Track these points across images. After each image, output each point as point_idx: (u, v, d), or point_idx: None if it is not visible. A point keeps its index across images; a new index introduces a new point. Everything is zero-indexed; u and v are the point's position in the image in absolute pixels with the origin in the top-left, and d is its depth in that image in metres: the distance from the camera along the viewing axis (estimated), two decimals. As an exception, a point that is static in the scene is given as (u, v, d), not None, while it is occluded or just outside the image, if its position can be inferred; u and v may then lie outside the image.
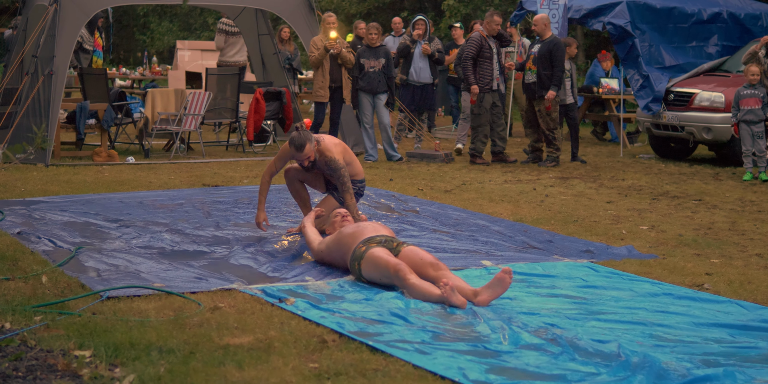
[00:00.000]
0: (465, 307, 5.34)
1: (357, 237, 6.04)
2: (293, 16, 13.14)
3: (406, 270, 5.62)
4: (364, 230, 6.09)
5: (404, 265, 5.65)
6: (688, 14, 13.84)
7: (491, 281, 5.47)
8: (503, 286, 5.44)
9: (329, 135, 7.46)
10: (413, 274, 5.61)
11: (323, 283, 5.98)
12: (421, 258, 5.77)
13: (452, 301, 5.36)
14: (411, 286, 5.55)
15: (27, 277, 5.96)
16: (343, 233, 6.18)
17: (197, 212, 8.46)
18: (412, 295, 5.54)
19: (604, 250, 7.04)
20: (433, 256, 5.85)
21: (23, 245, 6.92)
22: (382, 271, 5.75)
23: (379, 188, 9.88)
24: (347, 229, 6.20)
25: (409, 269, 5.63)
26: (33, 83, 11.58)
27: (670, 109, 12.81)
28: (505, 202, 9.19)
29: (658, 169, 12.11)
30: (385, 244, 5.91)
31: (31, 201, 8.86)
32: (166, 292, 5.63)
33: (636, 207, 9.03)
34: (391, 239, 6.00)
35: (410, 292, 5.56)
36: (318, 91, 12.16)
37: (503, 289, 5.45)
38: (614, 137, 15.66)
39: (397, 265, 5.65)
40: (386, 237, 6.01)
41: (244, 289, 5.76)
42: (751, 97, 11.10)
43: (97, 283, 5.86)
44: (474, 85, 12.07)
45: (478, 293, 5.47)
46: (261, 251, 6.89)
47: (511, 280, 5.44)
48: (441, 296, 5.41)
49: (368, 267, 5.85)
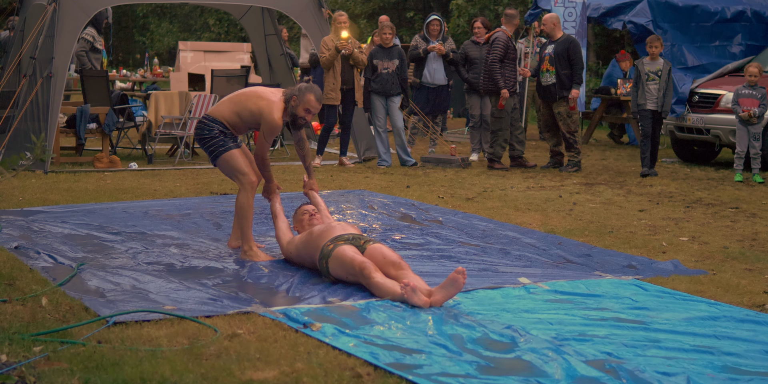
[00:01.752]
0: (427, 306, 5.31)
1: (325, 236, 5.99)
2: (302, 16, 12.62)
3: (371, 268, 5.56)
4: (333, 229, 6.02)
5: (370, 263, 5.59)
6: (711, 12, 13.35)
7: (445, 281, 5.35)
8: (456, 287, 5.32)
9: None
10: (378, 273, 5.55)
11: (349, 304, 5.46)
12: (384, 256, 5.69)
13: (413, 302, 5.31)
14: (375, 285, 5.51)
15: (25, 298, 5.45)
16: (313, 234, 6.13)
17: (206, 223, 7.95)
18: (376, 293, 5.51)
19: (648, 264, 6.53)
20: (397, 255, 5.75)
21: (21, 262, 6.41)
22: (348, 268, 5.71)
23: (396, 196, 9.37)
24: (316, 230, 6.14)
25: (374, 267, 5.57)
26: (31, 86, 11.07)
27: (694, 111, 12.31)
28: (532, 210, 8.68)
29: (684, 174, 11.60)
30: (353, 242, 5.86)
31: (29, 211, 8.35)
32: (178, 316, 5.12)
33: (671, 216, 8.52)
34: (359, 236, 5.93)
35: (374, 290, 5.52)
36: (329, 93, 11.64)
37: (456, 290, 5.34)
38: (632, 140, 15.16)
39: (363, 263, 5.59)
40: (354, 235, 5.95)
41: (264, 313, 5.24)
42: (748, 97, 10.91)
43: (102, 305, 5.35)
44: (504, 89, 11.58)
45: (432, 293, 5.38)
46: (277, 267, 6.39)
47: (465, 280, 5.30)
48: (402, 296, 5.38)
49: (335, 265, 5.81)
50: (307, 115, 6.54)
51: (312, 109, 6.51)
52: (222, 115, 6.75)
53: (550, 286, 5.88)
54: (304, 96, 6.47)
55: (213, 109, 6.85)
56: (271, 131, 6.56)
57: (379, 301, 5.51)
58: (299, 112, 6.51)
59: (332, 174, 11.06)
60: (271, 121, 6.51)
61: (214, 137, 6.72)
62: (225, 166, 6.81)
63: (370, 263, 5.62)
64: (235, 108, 6.72)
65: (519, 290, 5.80)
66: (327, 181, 10.44)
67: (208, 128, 6.74)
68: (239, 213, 6.77)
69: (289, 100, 6.53)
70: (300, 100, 6.48)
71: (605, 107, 14.99)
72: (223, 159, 6.75)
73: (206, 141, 6.77)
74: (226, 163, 6.78)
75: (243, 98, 6.73)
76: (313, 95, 6.48)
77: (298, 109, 6.50)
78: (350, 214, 8.33)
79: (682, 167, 12.24)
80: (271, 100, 6.56)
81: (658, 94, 10.97)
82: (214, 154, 6.78)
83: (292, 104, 6.50)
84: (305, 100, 6.47)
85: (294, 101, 6.49)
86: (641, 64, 11.11)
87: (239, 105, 6.70)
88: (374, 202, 8.90)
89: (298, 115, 6.52)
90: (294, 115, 6.53)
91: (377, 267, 5.63)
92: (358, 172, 11.28)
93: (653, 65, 11.03)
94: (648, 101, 11.01)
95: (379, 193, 9.50)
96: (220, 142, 6.72)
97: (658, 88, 10.97)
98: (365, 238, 5.96)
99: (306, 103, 6.48)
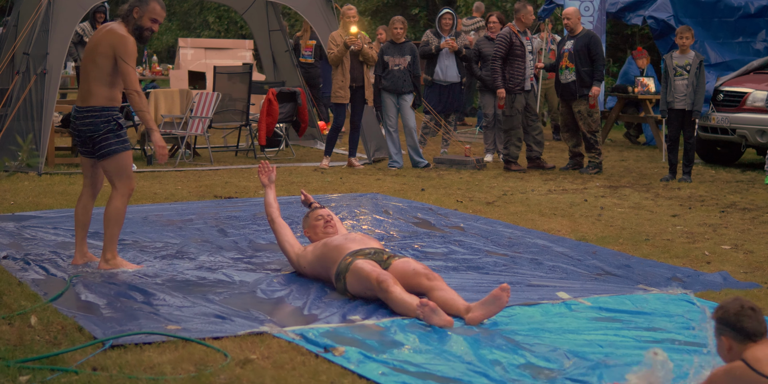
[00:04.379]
0: (451, 326, 4.79)
1: (343, 249, 5.53)
2: (309, 10, 12.06)
3: (389, 281, 5.10)
4: (352, 242, 5.59)
5: (389, 277, 5.13)
6: (735, 7, 12.77)
7: (487, 298, 4.92)
8: (499, 305, 4.90)
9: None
10: (398, 287, 5.09)
11: (372, 324, 4.91)
12: (414, 269, 5.27)
13: (432, 323, 4.83)
14: (394, 300, 5.05)
15: (12, 316, 4.90)
16: (329, 246, 5.64)
17: (211, 230, 7.40)
18: (395, 309, 5.05)
19: (695, 277, 5.98)
20: (426, 267, 5.34)
21: (9, 274, 5.86)
22: (365, 283, 5.24)
23: (412, 200, 8.81)
24: (333, 242, 5.65)
25: (393, 281, 5.11)
26: (24, 83, 10.50)
27: (719, 110, 11.75)
28: (558, 216, 8.13)
29: (710, 175, 11.05)
30: (374, 257, 5.41)
31: (21, 216, 7.80)
32: (183, 338, 4.56)
33: (706, 221, 7.97)
34: (381, 251, 5.50)
35: (393, 306, 5.07)
36: (338, 91, 11.07)
37: (498, 308, 4.91)
38: (650, 140, 14.61)
39: (380, 275, 5.14)
40: (376, 249, 5.51)
41: (279, 334, 4.69)
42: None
43: (98, 324, 4.80)
44: (501, 89, 11.00)
45: (470, 309, 4.94)
46: (290, 279, 5.84)
47: (508, 298, 4.89)
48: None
49: (352, 280, 5.34)
50: (154, 25, 6.06)
51: (158, 17, 6.04)
52: (99, 96, 5.93)
53: (592, 303, 5.33)
54: (147, 5, 5.99)
55: (89, 98, 5.99)
56: (126, 50, 5.89)
57: (405, 319, 4.97)
58: (145, 23, 6.01)
59: (342, 176, 10.50)
60: (120, 37, 5.89)
61: (112, 130, 5.96)
62: (117, 165, 6.01)
63: (390, 277, 5.14)
64: (94, 75, 5.95)
65: (559, 307, 5.25)
66: (337, 184, 9.88)
67: (102, 119, 5.95)
68: (114, 220, 6.02)
69: (129, 13, 5.99)
70: (143, 10, 5.99)
71: (622, 106, 14.43)
72: (122, 157, 6.01)
73: (102, 135, 5.94)
74: (123, 161, 6.03)
75: (86, 58, 6.03)
76: (156, 3, 6.01)
77: (144, 20, 6.00)
78: (364, 220, 7.77)
79: (706, 169, 11.69)
80: (107, 30, 5.98)
81: (687, 90, 10.29)
82: (110, 150, 5.95)
83: (134, 16, 5.99)
84: (149, 9, 6.00)
85: (137, 13, 5.99)
86: (669, 59, 10.42)
87: (91, 64, 5.97)
88: (389, 207, 8.34)
89: (144, 27, 6.02)
90: (140, 27, 6.01)
91: (407, 281, 5.17)
92: (369, 174, 10.72)
93: (682, 59, 10.32)
94: (676, 99, 10.33)
95: (393, 197, 8.95)
96: (122, 136, 5.99)
97: (686, 84, 10.28)
98: (387, 253, 5.48)
99: (150, 12, 6.01)
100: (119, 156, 6.00)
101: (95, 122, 5.96)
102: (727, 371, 3.39)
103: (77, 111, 6.04)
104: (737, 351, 3.42)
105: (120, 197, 6.05)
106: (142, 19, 6.01)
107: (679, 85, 10.27)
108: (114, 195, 6.06)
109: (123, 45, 5.89)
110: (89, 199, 6.28)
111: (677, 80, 10.27)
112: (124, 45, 5.90)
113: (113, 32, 5.96)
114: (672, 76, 10.29)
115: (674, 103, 10.31)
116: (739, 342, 3.42)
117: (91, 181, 6.23)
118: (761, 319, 3.44)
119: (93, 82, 5.97)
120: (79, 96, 6.08)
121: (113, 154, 5.97)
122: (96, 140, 5.98)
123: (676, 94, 10.29)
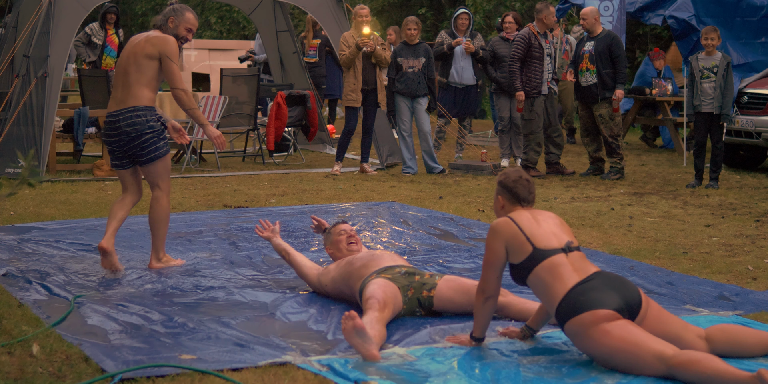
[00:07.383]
0: (376, 360, 4.24)
1: (371, 266, 5.18)
2: (319, 10, 11.67)
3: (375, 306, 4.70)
4: (380, 259, 5.23)
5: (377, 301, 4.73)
6: (758, 7, 12.35)
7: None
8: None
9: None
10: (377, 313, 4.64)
11: (404, 352, 4.50)
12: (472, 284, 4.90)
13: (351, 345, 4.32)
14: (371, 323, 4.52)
15: (12, 344, 4.51)
16: (354, 264, 5.27)
17: (222, 243, 7.00)
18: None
19: (744, 295, 5.57)
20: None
21: (9, 294, 5.47)
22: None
23: (431, 209, 8.41)
24: (359, 259, 5.29)
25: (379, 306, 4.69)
26: (24, 87, 10.11)
27: (743, 113, 11.35)
28: (586, 226, 7.73)
29: (736, 181, 10.65)
30: (407, 277, 5.04)
31: (21, 227, 7.41)
32: (199, 371, 4.16)
33: (743, 232, 7.57)
34: (414, 271, 5.12)
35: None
36: (349, 94, 10.68)
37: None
38: (667, 143, 14.21)
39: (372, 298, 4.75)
40: (408, 269, 5.13)
41: (304, 364, 4.28)
42: None
43: (106, 352, 4.40)
44: (520, 92, 10.62)
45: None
46: (310, 299, 5.44)
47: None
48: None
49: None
50: (188, 35, 6.18)
51: (193, 27, 6.16)
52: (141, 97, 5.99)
53: (640, 326, 4.92)
54: (182, 15, 6.10)
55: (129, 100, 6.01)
56: (173, 50, 6.00)
57: (436, 346, 4.57)
58: (180, 32, 6.12)
59: (355, 183, 10.10)
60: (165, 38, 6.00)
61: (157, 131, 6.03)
62: (164, 166, 6.13)
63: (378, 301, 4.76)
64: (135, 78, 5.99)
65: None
66: (351, 192, 9.48)
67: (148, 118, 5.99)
68: (164, 220, 6.17)
69: (165, 23, 6.09)
70: (179, 20, 6.10)
71: (638, 108, 14.04)
72: (167, 158, 6.15)
73: (148, 136, 5.99)
74: (168, 162, 6.17)
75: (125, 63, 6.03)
76: (190, 13, 6.16)
77: (180, 29, 6.11)
78: (383, 232, 7.38)
79: (731, 174, 11.29)
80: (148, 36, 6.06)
81: (714, 93, 9.89)
82: (158, 154, 6.03)
83: (170, 26, 6.10)
84: (184, 19, 6.11)
85: (172, 22, 6.10)
86: (695, 61, 10.01)
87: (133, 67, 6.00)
88: (407, 217, 7.94)
89: (180, 35, 6.12)
90: (175, 36, 6.10)
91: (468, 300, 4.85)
92: (383, 181, 10.32)
93: (708, 61, 9.93)
94: (703, 103, 9.93)
95: (410, 206, 8.55)
96: (165, 138, 6.09)
97: (713, 86, 9.87)
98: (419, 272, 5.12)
99: (186, 21, 6.12)
100: (165, 157, 6.11)
101: (140, 121, 5.95)
102: (497, 222, 4.37)
103: (117, 114, 5.99)
104: (507, 210, 4.44)
105: (165, 196, 6.14)
106: (178, 28, 6.11)
107: (706, 88, 9.87)
108: (159, 195, 6.13)
109: (169, 45, 6.01)
110: (131, 203, 6.24)
111: (704, 83, 9.87)
112: (170, 45, 6.01)
113: (156, 36, 6.05)
114: (698, 79, 9.89)
115: (701, 107, 9.90)
116: (511, 203, 4.44)
117: (135, 188, 6.24)
118: (532, 189, 4.45)
119: (134, 85, 6.00)
120: (115, 101, 6.06)
121: (162, 157, 6.06)
122: (141, 144, 5.96)
123: (703, 97, 9.88)
